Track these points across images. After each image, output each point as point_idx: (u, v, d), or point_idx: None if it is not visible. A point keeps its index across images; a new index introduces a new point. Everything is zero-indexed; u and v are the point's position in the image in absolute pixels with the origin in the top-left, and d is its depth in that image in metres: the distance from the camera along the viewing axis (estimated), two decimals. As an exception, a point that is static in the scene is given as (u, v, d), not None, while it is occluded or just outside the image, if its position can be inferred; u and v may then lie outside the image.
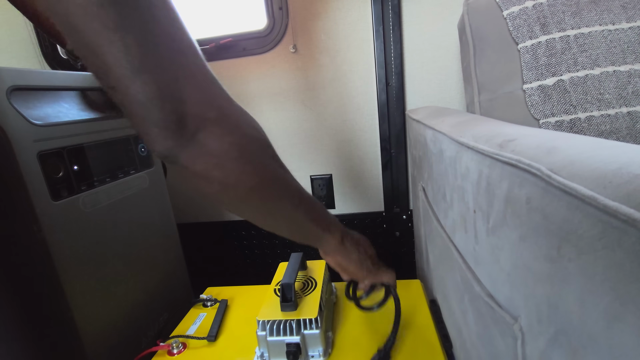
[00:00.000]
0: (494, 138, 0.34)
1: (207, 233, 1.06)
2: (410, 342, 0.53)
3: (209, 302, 0.68)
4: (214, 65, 0.94)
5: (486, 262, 0.35)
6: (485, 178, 0.34)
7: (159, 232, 0.72)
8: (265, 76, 0.93)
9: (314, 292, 0.56)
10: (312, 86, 0.92)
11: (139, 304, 0.65)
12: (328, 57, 0.90)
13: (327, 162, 0.97)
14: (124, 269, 0.62)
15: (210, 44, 0.91)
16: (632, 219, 0.15)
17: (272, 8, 0.88)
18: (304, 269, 0.64)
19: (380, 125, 0.91)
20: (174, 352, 0.56)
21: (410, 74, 0.88)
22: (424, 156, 0.64)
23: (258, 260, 1.07)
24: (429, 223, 0.63)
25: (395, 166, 0.93)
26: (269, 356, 0.51)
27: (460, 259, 0.43)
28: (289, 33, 0.89)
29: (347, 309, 0.63)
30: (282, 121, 0.95)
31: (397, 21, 0.84)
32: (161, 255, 0.72)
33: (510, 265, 0.30)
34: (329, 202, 1.00)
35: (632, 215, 0.15)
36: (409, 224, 0.97)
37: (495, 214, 0.32)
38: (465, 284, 0.41)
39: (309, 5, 0.87)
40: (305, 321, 0.50)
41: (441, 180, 0.52)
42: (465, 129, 0.43)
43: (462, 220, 0.42)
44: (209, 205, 1.04)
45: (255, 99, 0.95)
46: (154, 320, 0.68)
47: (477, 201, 0.36)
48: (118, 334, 0.59)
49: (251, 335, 0.56)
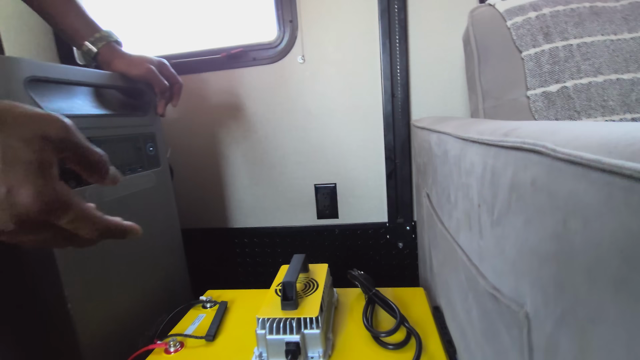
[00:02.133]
0: (498, 130, 0.34)
1: (210, 239, 1.05)
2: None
3: (209, 304, 0.67)
4: (225, 73, 0.96)
5: (491, 256, 0.35)
6: (490, 169, 0.34)
7: (162, 232, 0.72)
8: (273, 85, 0.95)
9: (315, 293, 0.55)
10: (319, 96, 0.94)
11: (137, 303, 0.64)
12: (335, 69, 0.92)
13: (332, 171, 0.98)
14: (125, 267, 0.61)
15: (221, 53, 0.94)
16: (638, 171, 0.15)
17: (282, 20, 0.91)
18: (305, 271, 0.63)
19: (385, 136, 0.92)
20: (171, 350, 0.54)
21: (415, 85, 0.90)
22: (428, 162, 0.65)
23: (259, 269, 1.06)
24: (433, 229, 0.62)
25: (400, 176, 0.94)
26: (267, 356, 0.50)
27: (465, 258, 0.43)
28: (297, 44, 0.92)
29: (348, 315, 0.61)
30: (289, 129, 0.97)
31: (403, 35, 0.86)
32: (163, 255, 0.72)
33: (515, 253, 0.29)
34: (332, 211, 1.00)
35: (637, 168, 0.15)
36: (412, 235, 0.96)
37: (499, 204, 0.32)
38: (470, 282, 0.41)
39: (319, 18, 0.90)
40: (306, 320, 0.49)
41: (445, 182, 0.52)
42: (469, 127, 0.43)
43: (467, 218, 0.42)
44: (213, 211, 1.05)
45: (263, 107, 0.96)
46: (152, 320, 0.67)
47: (482, 195, 0.36)
48: (115, 333, 0.58)
49: (250, 336, 0.55)
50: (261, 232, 1.03)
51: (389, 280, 0.88)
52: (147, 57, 0.67)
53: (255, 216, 1.04)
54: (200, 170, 1.03)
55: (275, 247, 1.04)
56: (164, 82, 0.67)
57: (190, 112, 1.00)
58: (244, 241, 1.05)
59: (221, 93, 0.98)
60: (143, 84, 0.67)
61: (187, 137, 1.01)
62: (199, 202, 1.05)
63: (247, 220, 1.04)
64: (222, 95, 0.98)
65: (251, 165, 1.01)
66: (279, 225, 1.03)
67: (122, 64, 0.63)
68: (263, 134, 0.98)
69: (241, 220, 1.05)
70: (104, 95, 0.64)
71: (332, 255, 1.00)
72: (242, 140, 0.99)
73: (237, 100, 0.97)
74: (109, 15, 1.06)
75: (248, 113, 0.97)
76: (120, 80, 0.64)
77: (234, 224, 1.05)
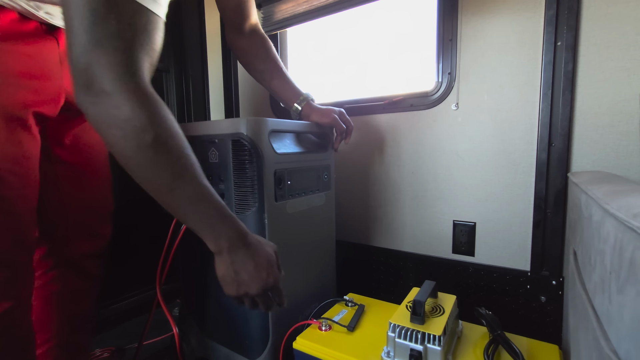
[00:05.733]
0: (632, 208, 0.38)
1: (356, 251, 1.25)
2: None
3: (350, 303, 0.84)
4: (385, 116, 1.15)
5: (615, 320, 0.38)
6: (619, 242, 0.38)
7: (322, 240, 0.94)
8: (425, 128, 1.08)
9: (441, 317, 0.64)
10: (468, 140, 1.01)
11: (300, 290, 0.87)
12: (488, 115, 0.98)
13: (472, 210, 1.02)
14: (295, 262, 0.85)
15: (384, 100, 1.13)
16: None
17: (441, 72, 1.03)
18: (434, 297, 0.72)
19: (536, 184, 0.91)
20: (323, 329, 0.74)
21: (580, 136, 0.86)
22: (578, 219, 0.65)
23: (391, 287, 1.18)
24: (574, 287, 0.62)
25: (550, 228, 0.90)
26: (394, 355, 0.62)
27: (595, 319, 0.45)
28: (453, 93, 1.02)
29: (470, 349, 0.67)
30: (434, 167, 1.07)
31: (568, 86, 0.85)
32: (320, 257, 0.94)
33: (630, 319, 0.34)
34: (468, 249, 1.03)
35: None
36: (559, 291, 0.90)
37: (623, 274, 0.36)
38: (595, 341, 0.43)
39: (477, 71, 0.98)
40: (430, 336, 0.59)
41: (588, 244, 0.54)
42: (615, 198, 0.46)
43: (601, 282, 0.45)
44: (361, 229, 1.24)
45: (414, 146, 1.10)
46: (308, 305, 0.89)
47: (613, 263, 0.40)
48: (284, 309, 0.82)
49: (381, 337, 0.69)
50: (397, 254, 1.16)
51: (523, 333, 0.85)
52: (332, 108, 0.91)
53: (394, 239, 1.17)
54: (355, 193, 1.24)
55: (408, 271, 1.14)
56: (343, 127, 0.90)
57: (353, 144, 1.22)
58: (381, 260, 1.19)
59: (380, 132, 1.17)
60: (328, 129, 0.92)
61: (349, 165, 1.24)
62: (351, 220, 1.26)
63: (387, 242, 1.19)
64: (381, 133, 1.16)
65: (397, 194, 1.15)
66: (414, 251, 1.13)
67: (316, 116, 0.89)
68: (411, 168, 1.11)
69: (382, 240, 1.20)
70: (302, 137, 0.91)
71: (462, 291, 1.04)
72: (392, 172, 1.15)
73: (392, 138, 1.14)
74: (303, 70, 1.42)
75: (400, 150, 1.13)
76: (314, 127, 0.89)
77: (375, 243, 1.21)
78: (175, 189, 0.45)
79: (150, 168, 0.44)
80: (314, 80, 1.40)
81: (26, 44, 0.56)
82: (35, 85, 0.57)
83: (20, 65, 0.55)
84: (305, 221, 0.86)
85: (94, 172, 0.75)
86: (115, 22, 0.40)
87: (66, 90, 0.63)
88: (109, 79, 0.40)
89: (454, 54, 1.01)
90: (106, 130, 0.42)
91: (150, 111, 0.43)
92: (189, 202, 0.47)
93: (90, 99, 0.41)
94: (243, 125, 0.71)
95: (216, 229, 0.50)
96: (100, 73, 0.40)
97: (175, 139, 0.45)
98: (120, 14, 0.41)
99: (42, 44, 0.58)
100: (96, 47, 0.40)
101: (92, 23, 0.39)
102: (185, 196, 0.46)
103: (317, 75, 1.40)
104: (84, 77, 0.40)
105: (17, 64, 0.55)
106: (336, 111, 0.91)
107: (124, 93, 0.41)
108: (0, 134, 0.52)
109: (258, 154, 0.72)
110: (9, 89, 0.53)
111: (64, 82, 0.62)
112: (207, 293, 0.85)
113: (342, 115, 0.91)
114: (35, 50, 0.57)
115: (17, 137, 0.55)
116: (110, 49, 0.40)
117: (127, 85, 0.41)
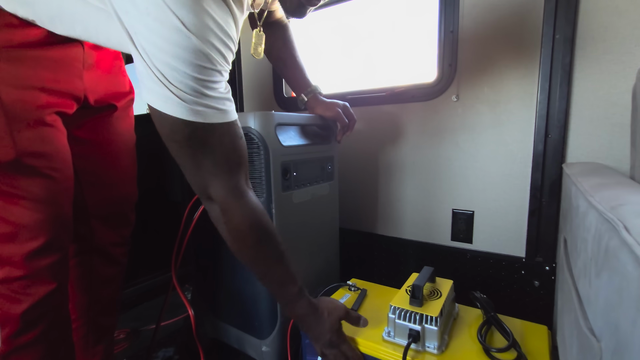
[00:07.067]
0: (612, 201, 0.41)
1: (358, 238, 1.30)
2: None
3: (353, 288, 0.89)
4: (387, 107, 1.18)
5: (592, 302, 0.43)
6: (598, 232, 0.42)
7: (327, 228, 0.99)
8: (426, 119, 1.10)
9: (437, 300, 0.69)
10: (468, 130, 1.04)
11: (305, 275, 0.92)
12: (488, 107, 1.00)
13: (471, 199, 1.06)
14: (302, 246, 0.90)
15: (386, 91, 1.15)
16: None
17: (443, 64, 1.05)
18: (432, 281, 0.77)
19: (532, 174, 0.95)
20: (327, 311, 0.78)
21: (575, 128, 0.89)
22: (568, 209, 0.68)
23: (392, 272, 1.23)
24: (563, 272, 0.66)
25: (545, 216, 0.94)
26: (394, 335, 0.67)
27: (577, 301, 0.49)
28: (453, 85, 1.05)
29: (465, 329, 0.72)
30: (435, 157, 1.10)
31: (565, 79, 0.87)
32: (325, 244, 0.98)
33: (603, 301, 0.38)
34: (467, 236, 1.08)
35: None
36: (552, 277, 0.95)
37: (600, 260, 0.40)
38: (576, 321, 0.48)
39: (477, 63, 1.00)
40: (427, 317, 0.64)
41: (576, 233, 0.57)
42: (599, 191, 0.49)
43: (584, 268, 0.49)
44: (363, 217, 1.28)
45: (415, 136, 1.13)
46: (312, 290, 0.94)
47: (593, 251, 0.44)
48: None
49: (382, 318, 0.74)
50: (398, 241, 1.20)
51: (517, 315, 0.90)
52: (336, 102, 0.94)
53: (395, 227, 1.22)
54: (358, 183, 1.28)
55: (408, 258, 1.19)
56: (345, 121, 0.93)
57: (356, 135, 1.25)
58: (382, 246, 1.24)
59: (382, 122, 1.19)
60: (331, 121, 0.95)
61: (352, 156, 1.28)
62: (354, 209, 1.30)
63: (388, 229, 1.23)
64: (383, 124, 1.19)
65: (398, 184, 1.19)
66: (414, 239, 1.18)
67: (320, 109, 0.91)
68: (412, 158, 1.14)
69: (384, 228, 1.24)
70: (306, 129, 0.94)
71: (460, 277, 1.08)
72: (393, 162, 1.19)
73: (394, 129, 1.17)
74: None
75: (402, 140, 1.16)
76: (318, 120, 0.93)
77: (377, 230, 1.26)
78: (268, 274, 0.63)
79: (251, 261, 0.61)
80: (317, 67, 1.42)
81: (54, 49, 0.60)
82: (59, 87, 0.61)
83: (47, 70, 0.59)
84: (310, 210, 0.90)
85: (119, 168, 0.80)
86: (211, 156, 0.54)
87: (85, 90, 0.66)
88: (221, 196, 0.56)
89: (454, 45, 1.03)
90: (221, 228, 0.59)
91: (252, 219, 0.59)
92: (277, 284, 0.64)
93: (210, 206, 0.58)
94: (251, 120, 0.74)
95: (293, 306, 0.66)
96: (214, 192, 0.56)
97: (270, 237, 0.61)
98: (210, 153, 0.53)
99: (69, 49, 0.63)
100: (205, 178, 0.55)
101: (194, 166, 0.54)
102: (274, 279, 0.64)
103: (320, 63, 1.42)
104: (204, 195, 0.57)
105: (45, 69, 0.59)
106: (340, 105, 0.94)
107: (233, 207, 0.57)
108: (32, 135, 0.56)
109: (266, 147, 0.75)
110: (34, 92, 0.57)
111: (85, 83, 0.66)
112: (220, 277, 0.90)
113: (345, 109, 0.94)
114: (61, 55, 0.61)
115: (47, 135, 0.59)
116: (215, 179, 0.55)
117: (234, 201, 0.57)
